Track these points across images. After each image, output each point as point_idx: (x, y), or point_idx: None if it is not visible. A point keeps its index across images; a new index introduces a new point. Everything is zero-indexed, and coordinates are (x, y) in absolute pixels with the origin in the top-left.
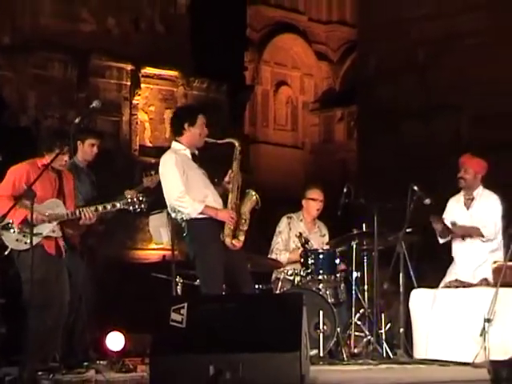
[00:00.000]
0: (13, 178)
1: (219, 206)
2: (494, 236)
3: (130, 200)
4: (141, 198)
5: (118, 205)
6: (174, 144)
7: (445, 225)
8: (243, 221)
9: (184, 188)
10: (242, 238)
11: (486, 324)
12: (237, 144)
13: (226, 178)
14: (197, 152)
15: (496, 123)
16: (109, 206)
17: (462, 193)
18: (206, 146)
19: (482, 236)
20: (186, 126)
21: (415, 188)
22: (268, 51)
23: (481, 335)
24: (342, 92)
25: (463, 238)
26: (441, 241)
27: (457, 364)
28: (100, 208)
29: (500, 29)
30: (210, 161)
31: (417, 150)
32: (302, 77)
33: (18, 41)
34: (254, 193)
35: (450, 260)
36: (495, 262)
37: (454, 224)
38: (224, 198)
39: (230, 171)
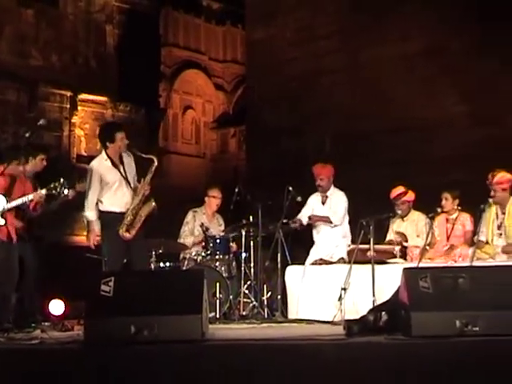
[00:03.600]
0: None
1: (127, 203)
2: (341, 222)
3: (52, 185)
4: (61, 181)
5: (43, 191)
6: (103, 153)
7: (300, 224)
8: (138, 220)
9: (92, 196)
10: (132, 232)
11: (343, 292)
12: (155, 161)
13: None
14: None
15: (352, 140)
16: (41, 192)
17: (319, 193)
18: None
19: (331, 223)
20: (107, 143)
21: (290, 189)
22: (177, 82)
23: (338, 300)
24: (235, 115)
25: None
26: (291, 226)
27: (320, 322)
28: (33, 196)
29: (354, 67)
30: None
31: (291, 159)
32: (204, 103)
33: None
34: (153, 202)
35: (313, 243)
36: (349, 246)
37: (310, 218)
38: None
39: (142, 180)
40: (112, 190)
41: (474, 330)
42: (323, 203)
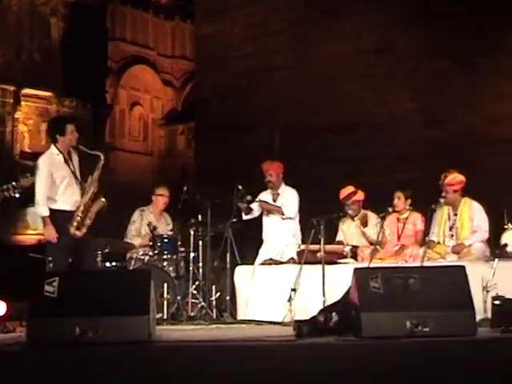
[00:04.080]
0: None
1: (76, 201)
2: (294, 215)
3: (5, 187)
4: (14, 184)
5: None
6: (52, 148)
7: (248, 207)
8: (88, 218)
9: (44, 190)
10: (83, 230)
11: (292, 292)
12: (102, 158)
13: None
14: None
15: (302, 137)
16: None
17: (269, 190)
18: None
19: (283, 214)
20: (57, 136)
21: (239, 187)
22: (125, 78)
23: (288, 301)
24: (183, 111)
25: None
26: (244, 217)
27: (270, 323)
28: None
29: (305, 64)
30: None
31: (241, 156)
32: (152, 99)
33: None
34: (104, 199)
35: (261, 244)
36: (299, 247)
37: (260, 203)
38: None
39: (90, 177)
40: (62, 186)
41: (425, 330)
42: (274, 201)
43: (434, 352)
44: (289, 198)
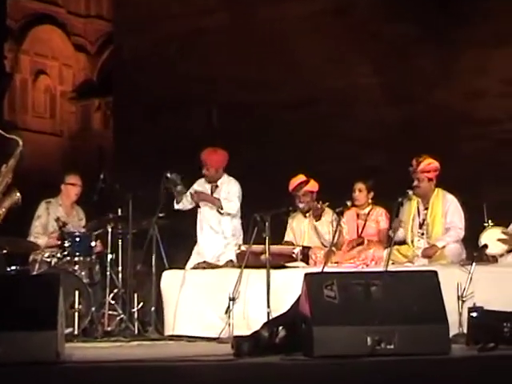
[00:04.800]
0: None
1: None
2: (235, 212)
3: None
4: None
5: None
6: None
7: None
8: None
9: None
10: None
11: (231, 303)
12: (20, 143)
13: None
14: None
15: (244, 115)
16: None
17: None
18: None
19: (222, 208)
20: None
21: (168, 175)
22: (28, 41)
23: (226, 313)
24: (100, 83)
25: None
26: (176, 206)
27: (203, 339)
28: None
29: (247, 27)
30: None
31: (170, 138)
32: (61, 67)
33: None
34: (18, 193)
35: (195, 243)
36: (239, 248)
37: (194, 194)
38: None
39: (4, 165)
40: None
41: (389, 348)
42: (212, 193)
43: (400, 374)
44: (230, 191)
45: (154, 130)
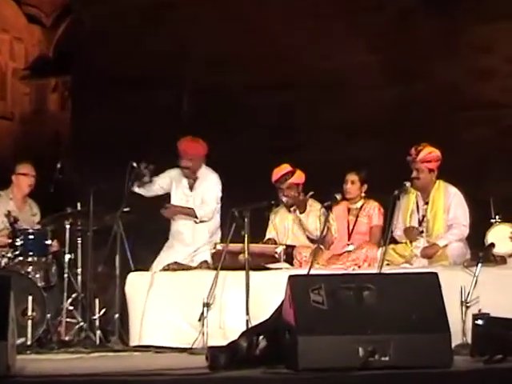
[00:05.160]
0: None
1: None
2: (209, 218)
3: None
4: None
5: None
6: None
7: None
8: None
9: None
10: None
11: (205, 309)
12: None
13: None
14: None
15: (218, 97)
16: None
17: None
18: None
19: (196, 217)
20: None
21: (134, 164)
22: None
23: (199, 320)
24: (56, 59)
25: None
26: (135, 189)
27: (174, 350)
28: None
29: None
30: None
31: (136, 121)
32: (12, 41)
33: None
34: None
35: (166, 241)
36: (215, 246)
37: (166, 207)
38: None
39: None
40: None
41: (383, 360)
42: (191, 188)
43: None
44: (208, 188)
45: (117, 112)
